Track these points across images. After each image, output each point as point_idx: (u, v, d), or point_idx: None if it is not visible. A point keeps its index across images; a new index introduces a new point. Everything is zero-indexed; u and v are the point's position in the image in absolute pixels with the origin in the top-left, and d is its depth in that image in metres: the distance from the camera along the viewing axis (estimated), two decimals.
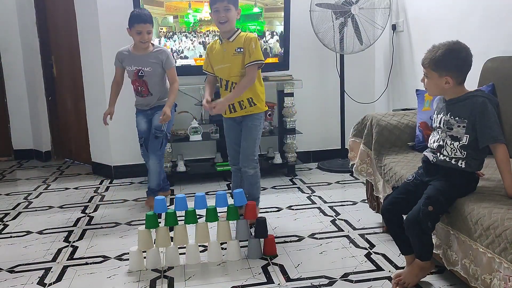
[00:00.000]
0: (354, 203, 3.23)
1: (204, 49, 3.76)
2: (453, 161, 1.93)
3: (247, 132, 2.81)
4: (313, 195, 3.46)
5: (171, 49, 3.75)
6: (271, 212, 3.13)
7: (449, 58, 1.89)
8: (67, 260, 2.50)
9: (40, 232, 2.93)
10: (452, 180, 1.91)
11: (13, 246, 2.74)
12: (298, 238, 2.66)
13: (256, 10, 3.92)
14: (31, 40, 4.84)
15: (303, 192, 3.56)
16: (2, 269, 2.42)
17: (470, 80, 2.01)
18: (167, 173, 3.76)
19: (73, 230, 2.94)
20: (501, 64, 2.45)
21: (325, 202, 3.29)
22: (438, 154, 1.98)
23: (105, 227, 2.98)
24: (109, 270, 2.36)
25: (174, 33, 3.80)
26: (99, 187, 3.94)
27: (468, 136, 1.89)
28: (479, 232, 1.67)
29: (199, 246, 2.47)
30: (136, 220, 3.07)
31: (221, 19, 2.68)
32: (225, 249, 2.45)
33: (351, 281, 2.14)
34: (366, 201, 2.93)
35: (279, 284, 2.15)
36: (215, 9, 2.69)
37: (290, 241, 2.62)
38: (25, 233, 2.92)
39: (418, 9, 3.63)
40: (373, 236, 2.65)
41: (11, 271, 2.40)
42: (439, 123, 1.99)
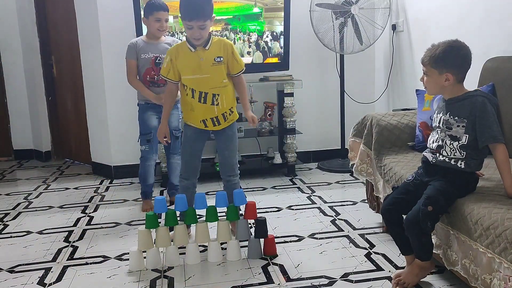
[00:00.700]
0: (354, 203, 3.23)
1: None
2: (453, 162, 1.93)
3: (228, 141, 2.66)
4: (313, 195, 3.46)
5: None
6: (271, 212, 3.13)
7: (450, 55, 1.89)
8: (67, 260, 2.50)
9: (40, 232, 2.93)
10: (452, 180, 1.91)
11: (13, 246, 2.74)
12: (298, 238, 2.67)
13: (256, 10, 3.92)
14: (31, 40, 4.84)
15: (303, 192, 3.56)
16: (2, 269, 2.42)
17: (470, 80, 2.01)
18: (167, 173, 3.76)
19: (73, 230, 2.94)
20: (501, 64, 2.45)
21: (325, 202, 3.29)
22: (438, 154, 1.98)
23: (105, 227, 2.98)
24: (109, 270, 2.36)
25: (174, 33, 3.80)
26: (99, 187, 3.94)
27: (468, 136, 1.89)
28: (479, 232, 1.67)
29: (199, 246, 2.47)
30: (136, 220, 3.07)
31: (196, 37, 2.42)
32: (225, 249, 2.45)
33: (351, 281, 2.15)
34: (366, 201, 2.93)
35: (279, 284, 2.15)
36: (188, 26, 2.40)
37: (290, 241, 2.62)
38: (25, 233, 2.92)
39: (418, 9, 3.63)
40: (373, 236, 2.65)
41: (11, 271, 2.40)
42: (439, 122, 1.99)
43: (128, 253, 2.39)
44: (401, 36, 3.94)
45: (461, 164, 1.92)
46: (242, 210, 2.52)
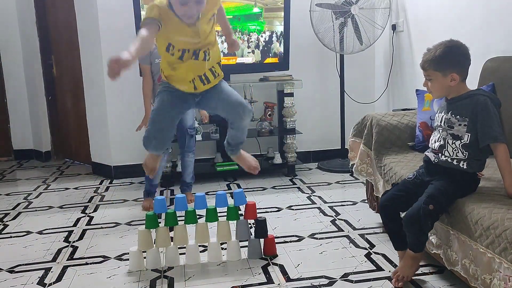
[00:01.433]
0: (354, 203, 3.23)
1: None
2: (455, 162, 1.93)
3: (222, 90, 2.21)
4: (313, 195, 3.46)
5: None
6: (271, 212, 3.13)
7: (451, 55, 1.89)
8: (67, 260, 2.50)
9: (40, 232, 2.92)
10: (453, 180, 1.91)
11: (13, 246, 2.74)
12: (298, 238, 2.66)
13: (256, 10, 3.92)
14: (31, 40, 4.84)
15: (303, 192, 3.56)
16: (2, 269, 2.42)
17: (470, 80, 2.01)
18: (167, 173, 3.77)
19: (73, 230, 2.94)
20: (501, 64, 2.45)
21: (325, 202, 3.29)
22: (440, 154, 1.98)
23: (105, 227, 2.98)
24: (109, 270, 2.36)
25: None
26: (99, 187, 3.94)
27: (470, 134, 1.89)
28: (479, 232, 1.67)
29: (199, 246, 2.47)
30: (136, 220, 3.07)
31: (192, 14, 2.00)
32: (225, 249, 2.45)
33: (351, 281, 2.14)
34: (366, 201, 2.93)
35: (279, 284, 2.15)
36: (182, 1, 1.96)
37: (290, 241, 2.62)
38: (25, 233, 2.92)
39: (418, 9, 3.63)
40: (373, 236, 2.65)
41: (11, 271, 2.40)
42: (440, 121, 1.99)
43: (128, 253, 2.38)
44: (401, 36, 3.94)
45: (463, 165, 1.91)
46: (242, 210, 2.52)
